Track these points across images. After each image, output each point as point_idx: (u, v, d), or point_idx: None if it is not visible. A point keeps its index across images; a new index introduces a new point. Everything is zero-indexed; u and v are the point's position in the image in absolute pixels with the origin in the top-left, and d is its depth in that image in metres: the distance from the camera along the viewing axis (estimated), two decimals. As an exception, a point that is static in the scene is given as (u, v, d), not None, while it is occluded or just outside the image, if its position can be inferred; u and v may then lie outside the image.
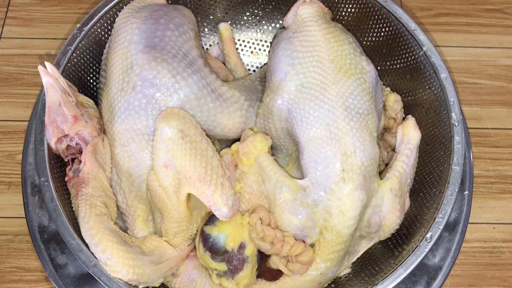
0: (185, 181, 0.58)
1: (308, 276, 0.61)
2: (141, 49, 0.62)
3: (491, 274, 0.75)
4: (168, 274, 0.61)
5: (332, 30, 0.65)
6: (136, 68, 0.61)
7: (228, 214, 0.57)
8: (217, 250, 0.59)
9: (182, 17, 0.67)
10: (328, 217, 0.59)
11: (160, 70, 0.60)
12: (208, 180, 0.57)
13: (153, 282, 0.60)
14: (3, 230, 0.75)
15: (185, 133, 0.58)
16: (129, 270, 0.56)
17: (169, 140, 0.58)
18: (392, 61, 0.74)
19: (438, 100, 0.66)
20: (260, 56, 0.83)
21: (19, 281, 0.72)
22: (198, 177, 0.57)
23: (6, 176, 0.78)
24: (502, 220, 0.78)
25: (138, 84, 0.60)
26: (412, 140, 0.66)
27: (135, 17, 0.66)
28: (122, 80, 0.62)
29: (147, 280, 0.58)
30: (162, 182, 0.59)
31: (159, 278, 0.60)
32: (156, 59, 0.60)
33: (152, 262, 0.58)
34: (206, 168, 0.58)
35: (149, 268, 0.58)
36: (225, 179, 0.59)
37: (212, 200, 0.57)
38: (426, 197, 0.66)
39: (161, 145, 0.58)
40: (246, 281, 0.60)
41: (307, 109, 0.61)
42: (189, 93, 0.60)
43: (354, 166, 0.59)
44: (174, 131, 0.58)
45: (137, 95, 0.60)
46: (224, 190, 0.58)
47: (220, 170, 0.59)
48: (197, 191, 0.57)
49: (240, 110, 0.64)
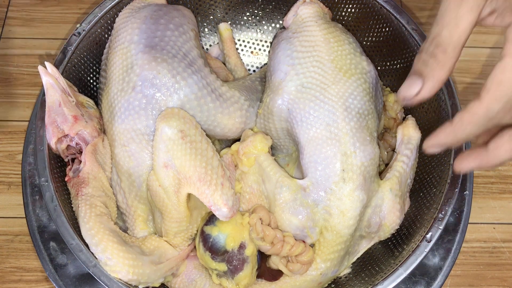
0: (185, 181, 0.58)
1: (308, 276, 0.61)
2: (141, 49, 0.61)
3: (491, 274, 0.75)
4: (168, 274, 0.61)
5: (332, 30, 0.65)
6: (136, 68, 0.61)
7: (228, 214, 0.57)
8: (217, 250, 0.59)
9: (182, 17, 0.67)
10: (328, 217, 0.59)
11: (160, 70, 0.60)
12: (208, 180, 0.57)
13: (153, 282, 0.60)
14: (3, 230, 0.75)
15: (185, 133, 0.58)
16: (129, 270, 0.56)
17: (169, 140, 0.58)
18: (392, 61, 0.74)
19: (438, 100, 0.66)
20: (260, 56, 0.83)
21: (19, 281, 0.72)
22: (198, 177, 0.57)
23: (6, 176, 0.78)
24: (502, 220, 0.77)
25: (138, 84, 0.60)
26: (412, 140, 0.66)
27: (135, 17, 0.66)
28: (122, 80, 0.62)
29: (147, 280, 0.58)
30: (162, 182, 0.59)
31: (159, 278, 0.60)
32: (156, 59, 0.60)
33: (152, 262, 0.58)
34: (206, 168, 0.58)
35: (149, 268, 0.58)
36: (225, 179, 0.59)
37: (212, 200, 0.57)
38: (426, 197, 0.66)
39: (161, 145, 0.58)
40: (246, 281, 0.60)
41: (307, 109, 0.61)
42: (189, 93, 0.60)
43: (354, 166, 0.59)
44: (174, 131, 0.58)
45: (137, 95, 0.60)
46: (224, 190, 0.58)
47: (220, 170, 0.59)
48: (197, 191, 0.57)
49: (240, 110, 0.64)
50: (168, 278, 0.62)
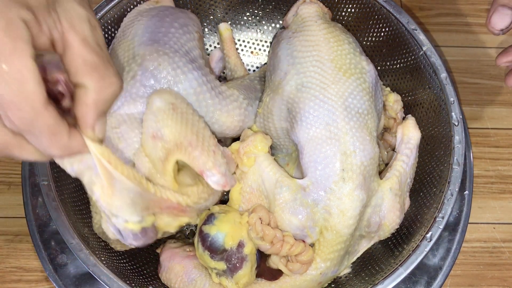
0: (174, 148, 0.55)
1: (308, 276, 0.61)
2: (144, 42, 0.62)
3: (491, 274, 0.75)
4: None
5: (332, 30, 0.66)
6: (137, 58, 0.61)
7: (220, 180, 0.55)
8: (215, 249, 0.59)
9: (188, 19, 0.68)
10: (328, 217, 0.59)
11: (161, 62, 0.60)
12: (199, 146, 0.55)
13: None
14: (3, 230, 0.75)
15: (176, 105, 0.57)
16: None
17: (158, 111, 0.56)
18: (392, 61, 0.74)
19: (438, 100, 0.66)
20: (260, 56, 0.83)
21: (19, 281, 0.72)
22: (189, 142, 0.55)
23: (6, 176, 0.78)
24: (502, 220, 0.77)
25: (138, 73, 0.60)
26: (412, 140, 0.66)
27: (142, 15, 0.67)
28: (122, 69, 0.62)
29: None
30: (149, 153, 0.57)
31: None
32: (158, 51, 0.61)
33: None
34: (198, 135, 0.56)
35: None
36: (217, 148, 0.57)
37: (204, 165, 0.55)
38: (426, 197, 0.66)
39: (151, 116, 0.57)
40: (246, 280, 0.60)
41: (307, 109, 0.61)
42: (188, 87, 0.60)
43: (354, 166, 0.59)
44: (165, 103, 0.57)
45: (136, 83, 0.60)
46: (217, 157, 0.56)
47: (212, 141, 0.57)
48: (188, 156, 0.55)
49: (239, 108, 0.64)
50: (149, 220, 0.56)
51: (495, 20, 0.45)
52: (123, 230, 0.53)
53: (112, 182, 0.49)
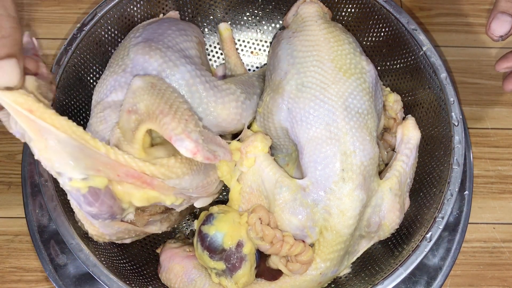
0: (146, 118, 0.54)
1: (308, 276, 0.61)
2: (139, 40, 0.63)
3: (491, 274, 0.75)
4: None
5: (332, 30, 0.66)
6: (131, 53, 0.62)
7: (191, 147, 0.51)
8: (215, 249, 0.60)
9: (188, 26, 0.70)
10: (328, 217, 0.59)
11: (153, 55, 0.61)
12: (171, 114, 0.53)
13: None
14: (3, 230, 0.75)
15: (155, 84, 0.57)
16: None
17: (137, 88, 0.56)
18: (392, 61, 0.74)
19: (438, 100, 0.66)
20: (260, 56, 0.83)
21: (19, 281, 0.72)
22: (161, 110, 0.53)
23: (6, 176, 0.78)
24: (502, 220, 0.77)
25: (129, 66, 0.61)
26: (412, 140, 0.66)
27: (143, 25, 0.69)
28: (115, 65, 0.63)
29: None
30: (122, 125, 0.56)
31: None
32: (150, 46, 0.62)
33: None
34: (171, 106, 0.54)
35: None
36: (191, 118, 0.54)
37: (172, 130, 0.51)
38: (426, 197, 0.66)
39: (130, 94, 0.57)
40: (245, 279, 0.60)
41: (307, 109, 0.61)
42: (180, 79, 0.60)
43: (353, 166, 0.59)
44: (145, 83, 0.57)
45: (125, 74, 0.61)
46: (188, 124, 0.53)
47: (187, 112, 0.55)
48: (158, 123, 0.52)
49: (236, 101, 0.64)
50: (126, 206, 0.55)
51: (494, 27, 0.46)
52: (70, 190, 0.49)
53: (41, 134, 0.46)
